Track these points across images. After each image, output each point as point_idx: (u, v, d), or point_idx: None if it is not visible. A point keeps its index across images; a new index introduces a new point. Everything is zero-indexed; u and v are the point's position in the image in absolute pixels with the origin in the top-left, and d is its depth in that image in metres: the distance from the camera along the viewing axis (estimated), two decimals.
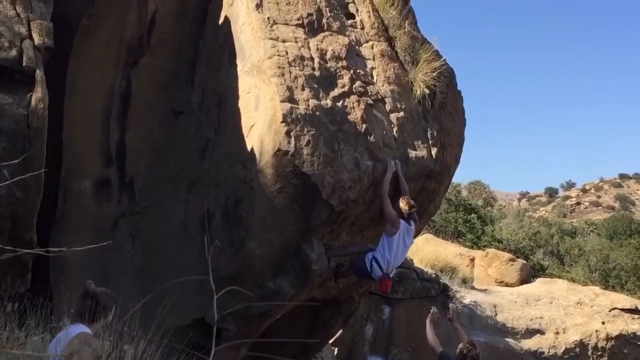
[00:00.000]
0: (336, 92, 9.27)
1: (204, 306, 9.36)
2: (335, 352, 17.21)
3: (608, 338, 20.16)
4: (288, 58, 9.16)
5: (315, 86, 9.12)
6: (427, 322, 8.63)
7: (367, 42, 10.18)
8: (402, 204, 9.15)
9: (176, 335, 8.55)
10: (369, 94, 9.56)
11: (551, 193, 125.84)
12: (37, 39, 8.29)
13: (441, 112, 10.39)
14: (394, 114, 9.68)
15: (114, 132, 10.72)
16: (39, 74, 8.07)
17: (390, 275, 9.33)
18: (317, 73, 9.26)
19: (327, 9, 10.05)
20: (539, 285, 22.75)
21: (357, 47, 10.00)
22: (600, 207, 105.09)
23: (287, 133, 8.62)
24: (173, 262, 9.94)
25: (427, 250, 21.81)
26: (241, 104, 9.60)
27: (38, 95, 7.93)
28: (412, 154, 9.64)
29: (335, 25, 9.99)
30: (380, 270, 9.16)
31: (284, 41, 9.37)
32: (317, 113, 8.88)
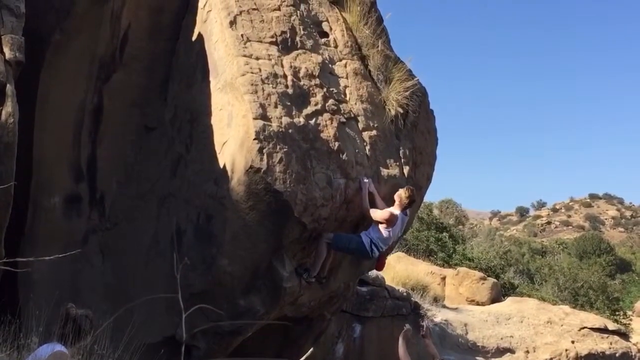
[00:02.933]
0: (309, 110, 9.29)
1: (174, 323, 9.28)
2: None
3: (578, 357, 20.30)
4: (261, 75, 9.17)
5: (288, 104, 9.13)
6: (400, 339, 8.58)
7: (340, 60, 10.22)
8: (404, 194, 9.33)
9: (147, 353, 8.46)
10: (342, 112, 9.60)
11: (522, 212, 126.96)
12: (8, 53, 8.20)
13: (413, 131, 10.46)
14: (366, 132, 9.73)
15: (85, 148, 10.62)
16: (9, 88, 7.98)
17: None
18: (290, 91, 9.28)
19: (301, 27, 10.08)
20: (509, 304, 22.88)
21: (330, 65, 10.04)
22: (570, 227, 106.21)
23: (260, 150, 8.61)
24: (143, 278, 9.86)
25: (398, 269, 21.83)
26: (214, 120, 9.58)
27: (8, 109, 7.84)
28: (385, 172, 9.69)
29: (309, 43, 10.03)
30: (378, 251, 9.42)
31: (257, 58, 9.38)
32: (290, 131, 8.90)
